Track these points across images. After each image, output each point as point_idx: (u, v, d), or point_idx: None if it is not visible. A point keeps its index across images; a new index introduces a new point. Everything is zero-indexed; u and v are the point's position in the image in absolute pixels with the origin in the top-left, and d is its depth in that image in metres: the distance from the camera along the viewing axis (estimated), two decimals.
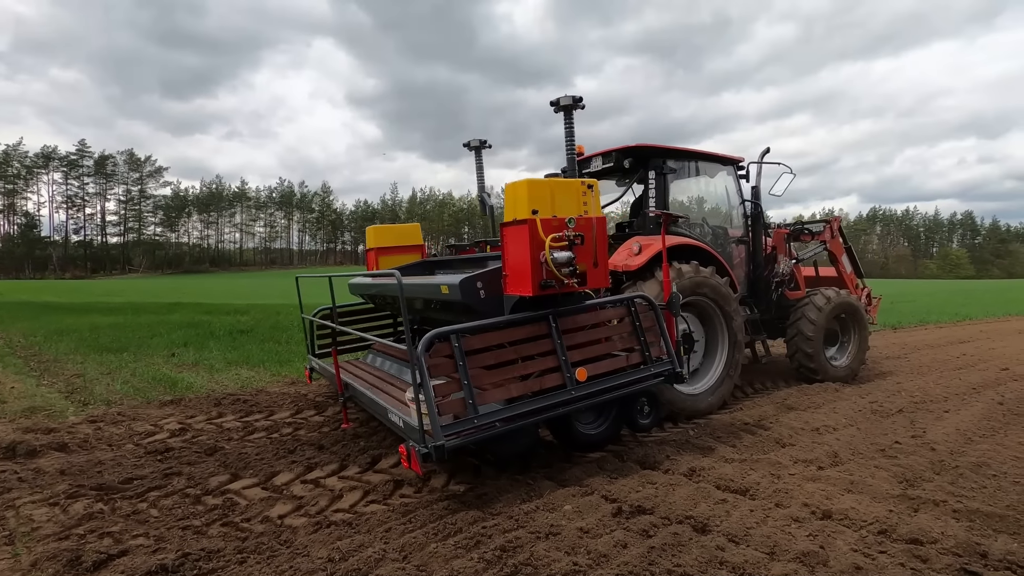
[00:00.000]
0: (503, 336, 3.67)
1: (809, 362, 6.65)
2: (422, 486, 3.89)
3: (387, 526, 3.22)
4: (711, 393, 5.64)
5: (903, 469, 4.10)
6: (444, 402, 3.32)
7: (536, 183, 3.60)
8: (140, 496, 3.71)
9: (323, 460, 4.34)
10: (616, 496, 3.60)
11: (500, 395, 3.57)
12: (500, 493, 3.66)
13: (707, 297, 5.56)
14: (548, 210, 3.60)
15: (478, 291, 3.76)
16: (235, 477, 4.02)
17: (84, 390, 6.82)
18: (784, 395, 6.24)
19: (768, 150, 6.68)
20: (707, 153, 6.32)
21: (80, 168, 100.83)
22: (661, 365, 4.23)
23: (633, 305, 4.20)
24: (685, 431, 5.08)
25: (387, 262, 6.44)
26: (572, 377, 3.73)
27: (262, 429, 5.21)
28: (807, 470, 4.10)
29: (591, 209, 3.79)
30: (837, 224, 7.59)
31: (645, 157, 5.84)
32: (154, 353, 9.53)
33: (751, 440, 4.79)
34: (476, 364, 3.52)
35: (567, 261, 3.54)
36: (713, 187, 6.67)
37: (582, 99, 4.74)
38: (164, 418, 5.54)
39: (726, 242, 6.49)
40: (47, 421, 5.42)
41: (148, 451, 4.55)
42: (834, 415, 5.45)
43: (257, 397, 6.39)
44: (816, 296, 6.74)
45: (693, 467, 4.08)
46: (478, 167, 6.52)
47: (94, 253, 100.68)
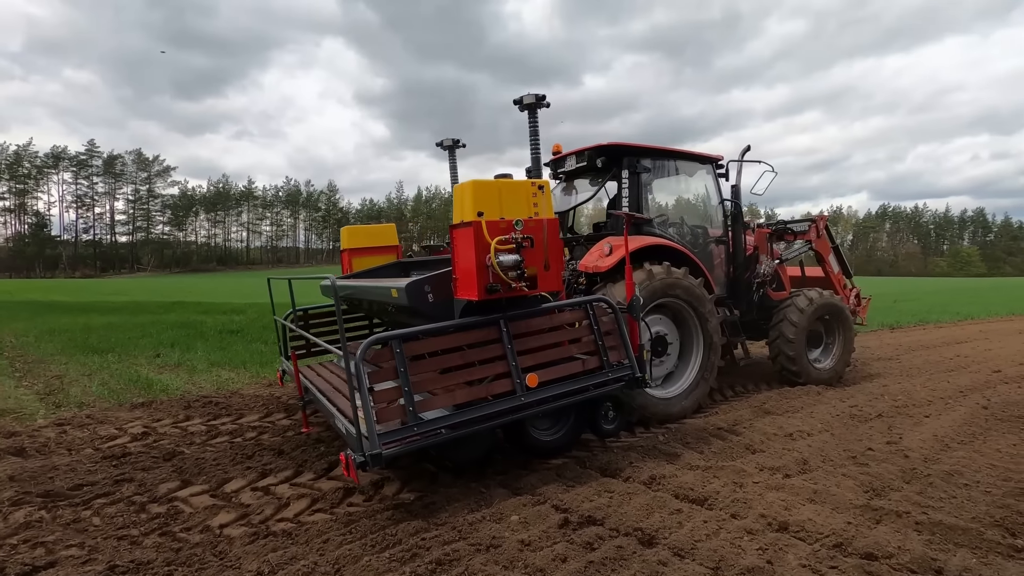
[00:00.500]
0: (450, 341, 3.58)
1: (791, 364, 6.52)
2: (373, 494, 3.82)
3: (326, 537, 3.15)
4: (685, 397, 5.52)
5: (871, 478, 3.97)
6: (384, 409, 3.24)
7: (482, 184, 3.50)
8: (85, 503, 3.66)
9: (279, 466, 4.27)
10: (568, 505, 3.50)
11: (445, 401, 3.49)
12: (449, 502, 3.57)
13: (680, 298, 5.44)
14: (495, 212, 3.51)
15: (426, 295, 3.67)
16: (186, 484, 3.96)
17: (60, 392, 6.81)
18: (763, 398, 6.11)
19: (748, 148, 6.53)
20: (684, 152, 6.20)
21: (89, 168, 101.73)
22: (620, 370, 4.12)
23: (591, 308, 4.10)
24: (655, 436, 4.97)
25: (361, 263, 6.37)
26: (522, 383, 3.63)
27: (226, 433, 5.15)
28: (772, 478, 3.99)
29: (542, 211, 3.69)
30: (823, 223, 7.43)
31: (618, 156, 5.72)
32: (139, 354, 9.53)
33: (720, 446, 4.67)
34: (419, 370, 3.43)
35: (514, 264, 3.44)
36: (692, 186, 6.54)
37: (545, 97, 4.64)
38: (131, 421, 5.51)
39: (705, 242, 6.36)
40: (13, 424, 5.40)
41: (105, 456, 4.50)
42: (810, 420, 5.32)
43: (230, 400, 6.34)
44: (798, 297, 6.59)
45: (654, 475, 3.97)
46: (451, 166, 6.43)
47: (103, 252, 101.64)
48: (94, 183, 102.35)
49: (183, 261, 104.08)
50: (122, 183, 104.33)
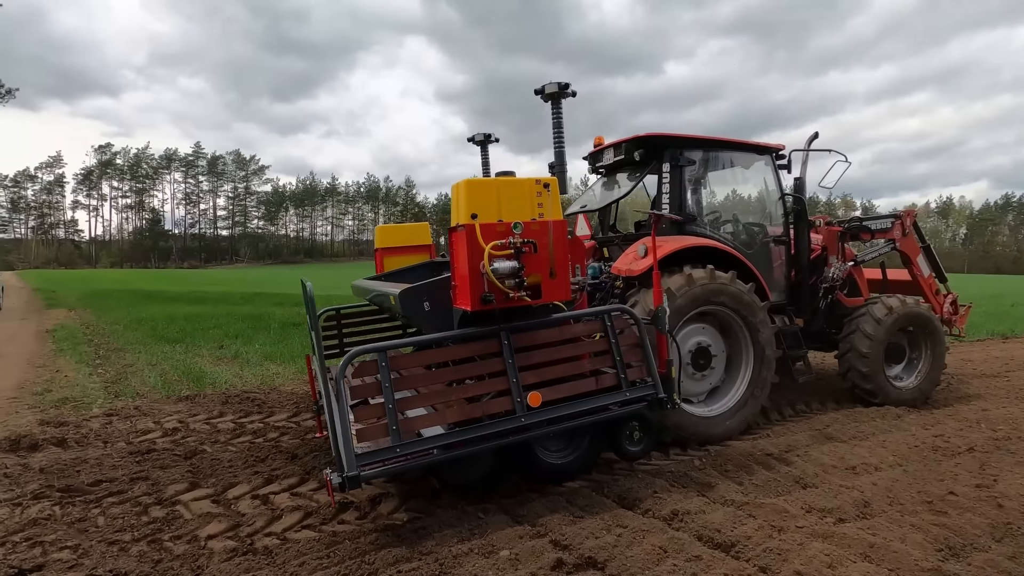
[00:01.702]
0: (444, 355, 3.31)
1: (865, 383, 5.69)
2: (369, 510, 3.63)
3: (302, 560, 2.98)
4: (730, 416, 4.94)
5: (950, 532, 3.28)
6: (365, 428, 3.02)
7: (476, 183, 3.19)
8: (96, 501, 3.74)
9: (287, 472, 4.21)
10: (569, 542, 3.13)
11: (436, 420, 3.22)
12: (441, 527, 3.31)
13: (726, 306, 4.85)
14: (493, 214, 3.18)
15: (422, 303, 3.41)
16: (193, 486, 3.98)
17: (123, 381, 7.26)
18: (827, 421, 5.36)
19: (816, 135, 5.76)
20: (736, 142, 5.54)
21: (196, 168, 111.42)
22: (641, 389, 3.67)
23: (609, 319, 3.67)
24: (691, 461, 4.45)
25: (392, 263, 6.25)
26: (523, 402, 3.29)
27: (251, 432, 5.20)
28: (820, 523, 3.39)
29: (548, 212, 3.31)
30: (911, 219, 6.44)
31: (659, 148, 5.18)
32: (205, 345, 10.06)
33: (764, 477, 4.09)
34: (408, 385, 3.19)
35: (512, 272, 3.11)
36: (748, 179, 5.86)
37: (569, 85, 4.24)
38: (170, 415, 5.71)
39: (762, 242, 5.67)
40: (69, 413, 5.75)
41: (133, 451, 4.65)
42: (880, 450, 4.57)
43: (267, 396, 6.46)
44: (875, 305, 5.74)
45: (677, 510, 3.50)
46: (483, 162, 6.14)
47: (207, 245, 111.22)
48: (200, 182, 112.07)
49: (275, 253, 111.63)
50: (223, 181, 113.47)
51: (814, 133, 5.78)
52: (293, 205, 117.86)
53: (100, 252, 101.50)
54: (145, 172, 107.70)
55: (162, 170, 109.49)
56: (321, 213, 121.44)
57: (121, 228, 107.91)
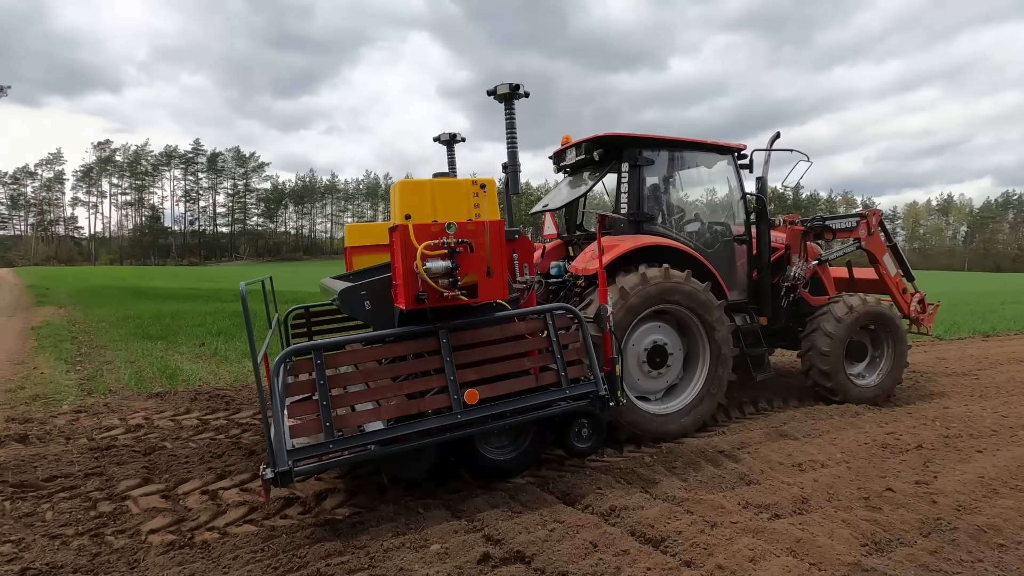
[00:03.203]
0: (384, 352, 3.37)
1: (825, 380, 5.75)
2: (314, 505, 3.69)
3: (237, 553, 3.04)
4: (685, 413, 4.99)
5: (879, 527, 3.33)
6: (299, 424, 3.08)
7: (410, 184, 3.24)
8: (48, 497, 3.80)
9: (240, 468, 4.27)
10: (501, 536, 3.19)
11: (376, 416, 3.27)
12: (379, 522, 3.37)
13: (681, 305, 4.90)
14: (427, 214, 3.23)
15: (362, 301, 3.46)
16: (145, 482, 4.04)
17: (98, 379, 7.32)
18: (784, 419, 5.42)
19: (778, 135, 5.80)
20: (696, 142, 5.58)
21: (196, 165, 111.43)
22: (582, 387, 3.73)
23: (552, 318, 3.72)
24: (641, 457, 4.51)
25: (361, 261, 6.27)
26: (460, 399, 3.35)
27: (213, 429, 5.26)
28: (754, 519, 3.45)
29: (484, 212, 3.36)
30: (877, 218, 6.48)
31: (618, 148, 5.23)
32: (186, 343, 10.13)
33: (710, 474, 4.15)
34: (342, 383, 3.24)
35: (445, 271, 3.16)
36: (711, 179, 5.90)
37: (520, 86, 4.27)
38: (137, 412, 5.77)
39: (722, 241, 5.72)
40: (37, 410, 5.82)
41: (93, 447, 4.70)
42: (830, 447, 4.63)
43: (238, 393, 6.52)
44: (836, 304, 5.79)
45: (616, 505, 3.56)
46: (450, 162, 6.17)
47: (207, 241, 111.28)
48: (199, 179, 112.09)
49: (274, 251, 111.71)
50: (223, 178, 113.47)
51: (776, 133, 5.82)
52: (293, 202, 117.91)
53: (100, 249, 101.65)
54: (144, 169, 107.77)
55: (162, 167, 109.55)
56: (321, 210, 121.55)
57: (121, 225, 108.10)
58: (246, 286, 3.08)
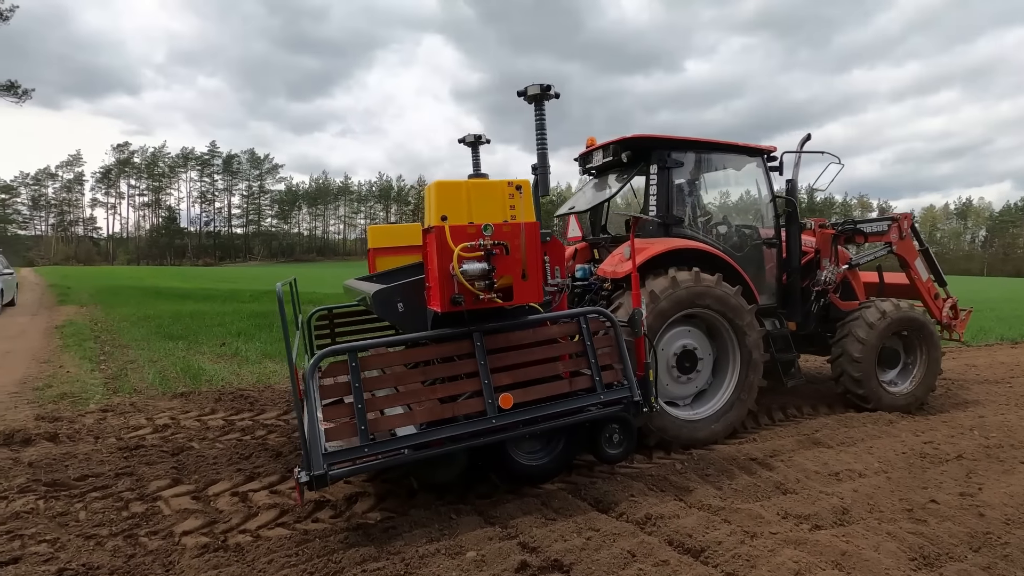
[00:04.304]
0: (419, 355, 3.33)
1: (857, 388, 5.62)
2: (344, 509, 3.66)
3: (271, 557, 3.02)
4: (715, 419, 4.91)
5: (926, 541, 3.23)
6: (334, 427, 3.05)
7: (446, 185, 3.20)
8: (80, 496, 3.81)
9: (269, 470, 4.26)
10: (537, 544, 3.14)
11: (409, 420, 3.24)
12: (411, 527, 3.33)
13: (711, 309, 4.82)
14: (463, 216, 3.19)
15: (395, 304, 3.43)
16: (176, 483, 4.04)
17: (123, 378, 7.37)
18: (816, 426, 5.31)
19: (809, 137, 5.69)
20: (726, 143, 5.49)
21: (211, 166, 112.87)
22: (616, 392, 3.66)
23: (585, 322, 3.67)
24: (672, 464, 4.44)
25: (384, 263, 6.27)
26: (494, 403, 3.30)
27: (239, 429, 5.26)
28: (795, 530, 3.36)
29: (520, 214, 3.32)
30: (908, 222, 6.35)
31: (646, 150, 5.16)
32: (207, 342, 10.19)
33: (745, 482, 4.06)
34: (382, 384, 3.21)
35: (481, 274, 3.12)
36: (739, 182, 5.82)
37: (551, 87, 4.22)
38: (163, 412, 5.80)
39: (751, 244, 5.62)
40: (65, 409, 5.86)
41: (122, 447, 4.72)
42: (866, 456, 4.52)
43: (261, 394, 6.53)
44: (868, 309, 5.67)
45: (651, 513, 3.49)
46: (474, 164, 6.14)
47: (222, 242, 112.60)
48: (215, 180, 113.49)
49: (288, 251, 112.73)
50: (238, 180, 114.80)
51: (806, 135, 5.72)
52: (306, 204, 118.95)
53: (117, 249, 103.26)
54: (162, 170, 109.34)
55: (178, 168, 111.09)
56: (334, 212, 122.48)
57: (138, 225, 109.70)
58: (281, 287, 3.06)
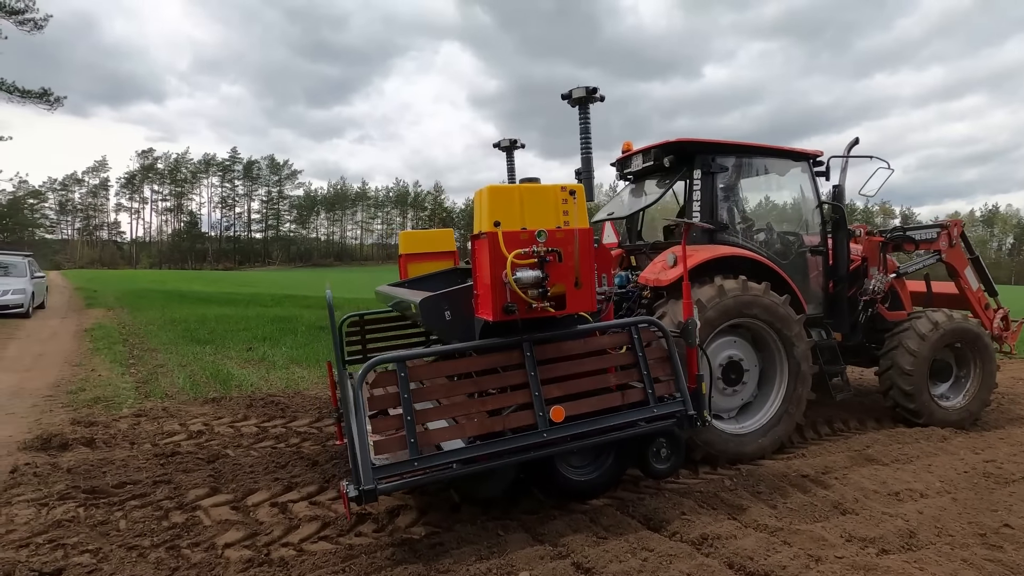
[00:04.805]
0: (465, 365, 3.23)
1: (908, 402, 5.40)
2: (386, 523, 3.56)
3: (317, 573, 2.93)
4: (763, 433, 4.73)
5: (1006, 570, 3.04)
6: (383, 439, 2.95)
7: (499, 190, 3.10)
8: (119, 504, 3.76)
9: (307, 479, 4.17)
10: (592, 564, 3.00)
11: (456, 433, 3.13)
12: (459, 544, 3.21)
13: (759, 319, 4.65)
14: (516, 221, 3.09)
15: (443, 312, 3.33)
16: (214, 491, 3.97)
17: (154, 382, 7.39)
18: (867, 441, 5.10)
19: (856, 141, 5.51)
20: (771, 148, 5.33)
21: (232, 172, 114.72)
22: (669, 405, 3.52)
23: (637, 332, 3.53)
24: (720, 480, 4.27)
25: (416, 269, 6.21)
26: (545, 416, 3.18)
27: (273, 437, 5.20)
28: (862, 554, 3.18)
29: (573, 219, 3.20)
30: (958, 229, 6.11)
31: (689, 154, 5.02)
32: (233, 347, 10.21)
33: (800, 501, 3.88)
34: (426, 396, 3.11)
35: (535, 281, 3.01)
36: (783, 187, 5.64)
37: (597, 90, 4.13)
38: (196, 417, 5.76)
39: (796, 252, 5.44)
40: (100, 413, 5.86)
41: (158, 453, 4.68)
42: (926, 475, 4.30)
43: (291, 400, 6.48)
44: (919, 320, 5.45)
45: (707, 533, 3.33)
46: (509, 168, 6.06)
47: (241, 247, 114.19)
48: (235, 186, 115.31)
49: (306, 256, 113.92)
50: (258, 185, 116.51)
51: (854, 139, 5.54)
52: (324, 209, 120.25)
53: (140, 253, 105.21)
54: (184, 176, 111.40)
55: (200, 174, 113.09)
56: (351, 217, 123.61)
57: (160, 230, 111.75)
58: (331, 294, 2.98)
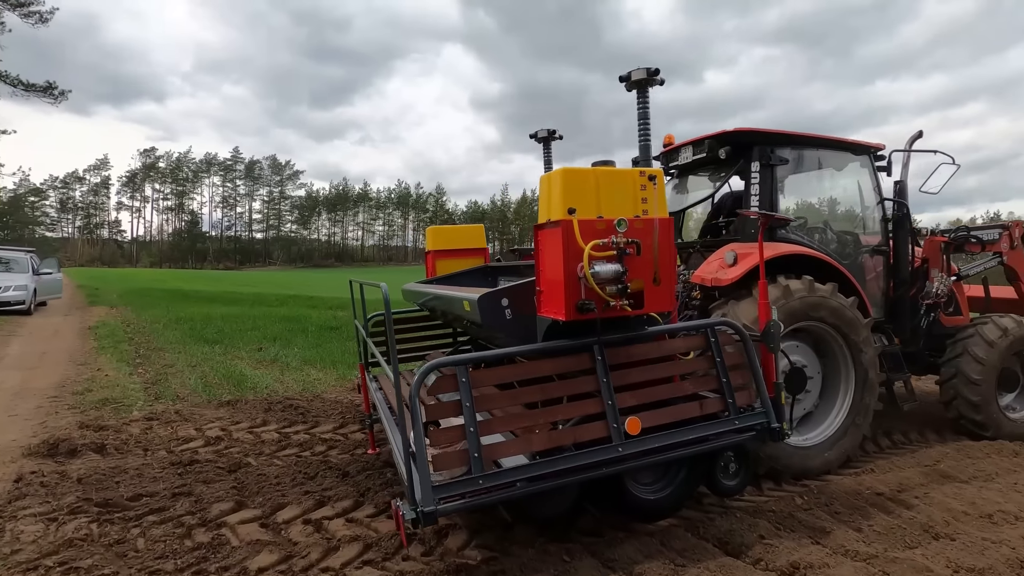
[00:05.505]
0: (529, 370, 2.88)
1: (974, 413, 5.04)
2: (435, 544, 3.20)
3: None
4: (829, 447, 4.38)
5: None
6: (443, 454, 2.60)
7: (574, 173, 2.76)
8: (136, 520, 3.41)
9: (339, 493, 3.82)
10: None
11: (521, 447, 2.78)
12: (523, 571, 2.86)
13: (825, 322, 4.31)
14: (591, 209, 2.75)
15: (503, 310, 2.99)
16: (240, 506, 3.61)
17: (163, 383, 7.03)
18: (935, 455, 4.74)
19: (920, 134, 5.18)
20: (832, 139, 4.99)
21: (234, 172, 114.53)
22: (751, 418, 3.17)
23: (714, 335, 3.19)
24: (791, 498, 3.91)
25: (445, 266, 5.88)
26: (620, 428, 2.83)
27: (296, 444, 4.85)
28: None
29: (652, 208, 2.86)
30: (1020, 231, 5.77)
31: (747, 145, 4.69)
32: (244, 347, 9.86)
33: (885, 523, 3.52)
34: (489, 405, 2.77)
35: (614, 276, 2.66)
36: (840, 183, 5.30)
37: (659, 71, 3.77)
38: (212, 422, 5.41)
39: (856, 252, 5.10)
40: (109, 416, 5.51)
41: (174, 461, 4.33)
42: (1015, 495, 3.95)
43: (310, 404, 6.13)
44: (986, 326, 5.10)
45: (796, 561, 2.98)
46: (546, 160, 5.71)
47: (242, 247, 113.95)
48: (237, 185, 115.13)
49: (307, 257, 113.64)
50: (259, 185, 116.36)
51: (917, 132, 5.21)
52: (326, 210, 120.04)
53: (141, 252, 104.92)
54: (185, 176, 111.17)
55: (202, 174, 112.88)
56: (353, 218, 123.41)
57: (161, 229, 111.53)
58: (387, 289, 2.63)
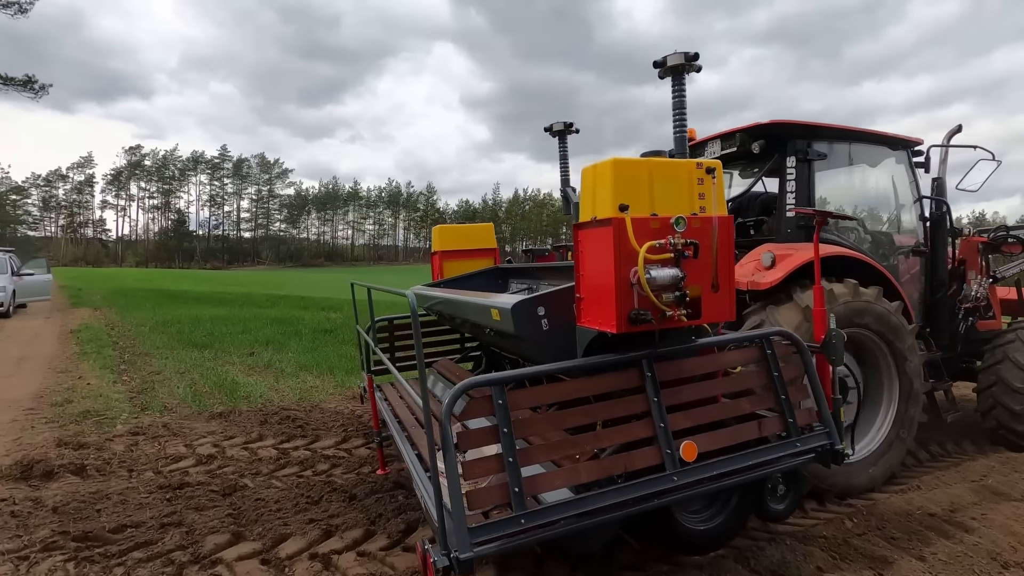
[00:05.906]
0: (574, 389, 2.53)
1: (1016, 423, 4.77)
2: None
3: None
4: (872, 463, 4.08)
5: None
6: (478, 490, 2.25)
7: (626, 164, 2.42)
8: (120, 557, 3.02)
9: (348, 521, 3.45)
10: None
11: (566, 479, 2.43)
12: None
13: (870, 329, 4.01)
14: (644, 206, 2.41)
15: (539, 320, 2.64)
16: (237, 538, 3.23)
17: (150, 392, 6.61)
18: (980, 469, 4.47)
19: (959, 129, 4.90)
20: (869, 133, 4.70)
21: (221, 170, 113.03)
22: (813, 439, 2.85)
23: (770, 346, 2.86)
24: (840, 521, 3.60)
25: (452, 268, 5.52)
26: (675, 455, 2.50)
27: (296, 462, 4.46)
28: None
29: (711, 205, 2.53)
30: None
31: (782, 138, 4.38)
32: (235, 351, 9.42)
33: (948, 550, 3.23)
34: (527, 431, 2.42)
35: (672, 282, 2.33)
36: (874, 179, 5.01)
37: (698, 56, 3.45)
38: (203, 436, 5.01)
39: (892, 253, 4.81)
40: (91, 431, 5.09)
41: (163, 484, 3.93)
42: None
43: (309, 415, 5.74)
44: None
45: None
46: (562, 155, 5.37)
47: (230, 246, 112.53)
48: (224, 184, 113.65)
49: (296, 256, 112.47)
50: (247, 184, 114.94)
51: (956, 126, 4.93)
52: (315, 208, 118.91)
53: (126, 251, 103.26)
54: (172, 174, 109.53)
55: (188, 172, 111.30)
56: (343, 217, 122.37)
57: (147, 228, 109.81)
58: (414, 296, 2.28)
